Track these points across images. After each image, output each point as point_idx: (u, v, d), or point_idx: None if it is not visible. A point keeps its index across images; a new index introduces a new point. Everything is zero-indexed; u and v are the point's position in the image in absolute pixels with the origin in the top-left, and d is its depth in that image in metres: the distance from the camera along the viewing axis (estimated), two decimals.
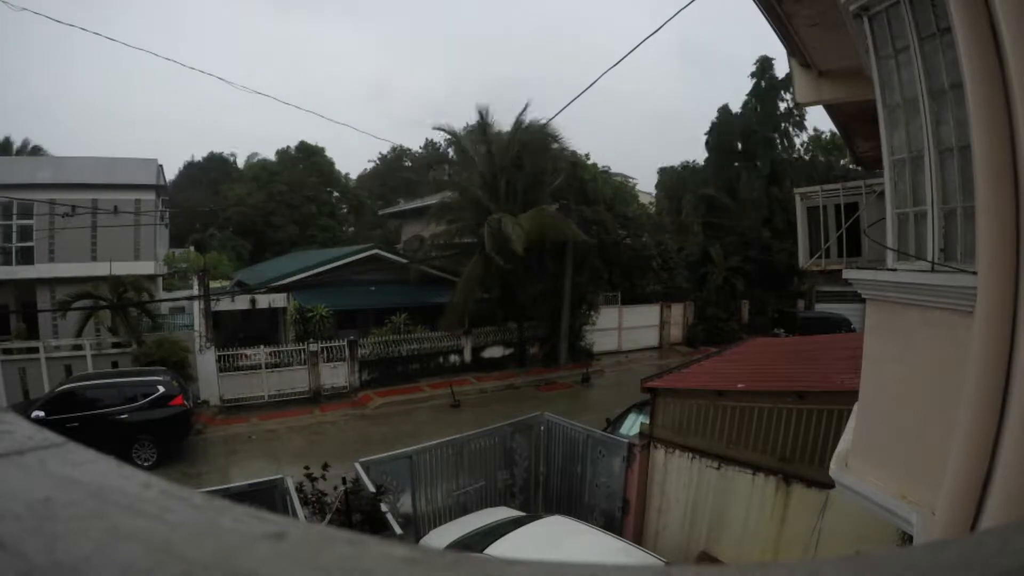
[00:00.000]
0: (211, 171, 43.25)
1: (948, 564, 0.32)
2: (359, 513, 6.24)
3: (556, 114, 28.28)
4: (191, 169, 44.94)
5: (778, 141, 27.65)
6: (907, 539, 3.62)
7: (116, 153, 28.71)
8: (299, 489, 6.48)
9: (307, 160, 38.69)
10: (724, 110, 27.66)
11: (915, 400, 3.07)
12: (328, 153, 40.12)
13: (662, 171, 31.52)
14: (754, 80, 27.13)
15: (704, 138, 28.07)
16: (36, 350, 14.45)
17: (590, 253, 19.17)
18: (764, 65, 26.69)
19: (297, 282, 17.83)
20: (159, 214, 19.98)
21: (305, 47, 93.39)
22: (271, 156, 40.27)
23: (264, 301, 17.45)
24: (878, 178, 4.56)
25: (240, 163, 44.11)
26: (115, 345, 15.25)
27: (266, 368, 15.49)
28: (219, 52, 79.35)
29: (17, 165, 19.43)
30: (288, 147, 39.74)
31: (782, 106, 27.09)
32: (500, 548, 5.44)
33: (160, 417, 11.10)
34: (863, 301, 3.53)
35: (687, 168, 29.75)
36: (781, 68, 26.12)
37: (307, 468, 6.86)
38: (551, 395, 16.56)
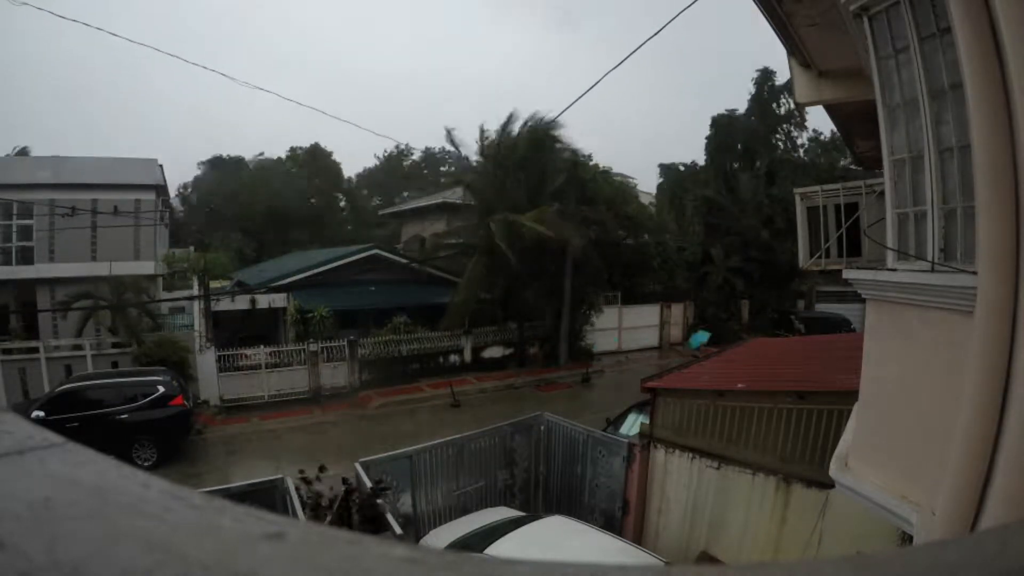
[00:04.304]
0: (225, 169, 43.27)
1: (948, 564, 0.32)
2: (359, 513, 6.24)
3: (559, 114, 28.08)
4: (210, 165, 44.89)
5: (778, 142, 27.98)
6: (907, 539, 3.62)
7: (131, 152, 28.74)
8: (296, 491, 6.48)
9: (316, 163, 38.94)
10: (722, 116, 28.14)
11: (915, 400, 3.07)
12: (336, 152, 40.49)
13: (663, 168, 31.49)
14: (756, 86, 27.75)
15: (704, 140, 28.37)
16: (36, 350, 14.44)
17: (590, 253, 19.17)
18: (766, 74, 27.46)
19: (297, 282, 17.84)
20: (159, 214, 19.99)
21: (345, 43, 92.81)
22: (278, 155, 40.53)
23: (264, 301, 17.44)
24: (878, 178, 4.56)
25: (249, 162, 44.19)
26: (115, 345, 15.24)
27: (266, 368, 15.49)
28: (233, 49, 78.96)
29: (17, 165, 19.43)
30: (297, 148, 40.00)
31: (782, 109, 27.56)
32: (500, 548, 5.43)
33: (160, 417, 11.10)
34: (863, 301, 3.53)
35: (688, 168, 29.75)
36: (782, 74, 26.66)
37: (302, 472, 6.85)
38: (551, 395, 16.55)
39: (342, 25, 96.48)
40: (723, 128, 27.89)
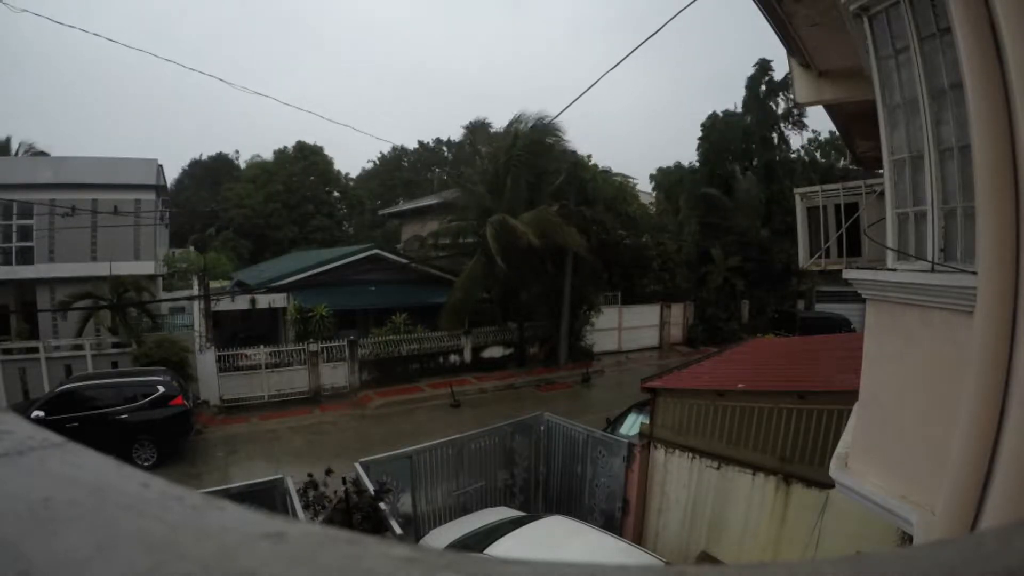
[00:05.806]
0: (215, 171, 43.32)
1: (948, 564, 0.32)
2: (359, 513, 6.25)
3: (558, 114, 28.09)
4: (195, 168, 45.01)
5: (775, 141, 27.74)
6: (907, 539, 3.62)
7: (124, 153, 28.73)
8: (303, 493, 6.48)
9: (305, 160, 38.75)
10: (714, 115, 27.82)
11: (915, 400, 3.07)
12: (328, 152, 40.29)
13: (660, 172, 31.52)
14: (752, 81, 27.24)
15: (696, 141, 28.12)
16: (36, 350, 14.45)
17: (590, 254, 19.18)
18: (763, 67, 26.83)
19: (297, 282, 17.83)
20: (159, 214, 19.99)
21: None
22: (271, 156, 40.40)
23: (264, 301, 17.45)
24: (878, 178, 4.57)
25: (243, 163, 44.28)
26: (115, 345, 15.25)
27: (266, 368, 15.49)
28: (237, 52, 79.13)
29: (17, 165, 19.43)
30: (286, 147, 39.82)
31: (780, 107, 27.27)
32: (500, 548, 5.43)
33: (160, 417, 11.10)
34: (863, 301, 3.53)
35: (683, 168, 29.70)
36: (780, 69, 26.29)
37: (311, 475, 6.86)
38: (551, 395, 16.56)
39: (343, 24, 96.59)
40: (715, 127, 27.62)
